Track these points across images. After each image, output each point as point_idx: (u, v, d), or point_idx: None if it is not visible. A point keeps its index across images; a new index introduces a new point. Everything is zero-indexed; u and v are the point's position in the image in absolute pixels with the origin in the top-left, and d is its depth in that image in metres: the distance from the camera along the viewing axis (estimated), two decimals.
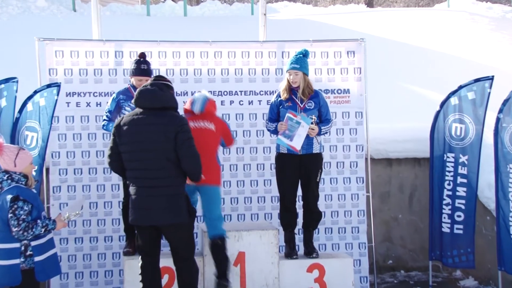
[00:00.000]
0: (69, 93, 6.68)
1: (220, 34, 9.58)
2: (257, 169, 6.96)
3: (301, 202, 6.13)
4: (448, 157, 7.00)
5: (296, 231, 6.18)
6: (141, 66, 6.02)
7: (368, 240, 7.06)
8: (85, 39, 7.04)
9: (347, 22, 12.37)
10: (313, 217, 6.10)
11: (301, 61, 5.93)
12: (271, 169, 6.75)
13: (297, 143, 5.85)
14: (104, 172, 6.69)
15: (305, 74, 5.93)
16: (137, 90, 4.97)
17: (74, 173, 6.67)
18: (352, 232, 7.03)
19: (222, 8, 14.94)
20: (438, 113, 7.08)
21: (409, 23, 12.74)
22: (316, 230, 6.38)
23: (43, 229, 4.52)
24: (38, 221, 4.53)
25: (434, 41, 11.63)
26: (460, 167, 6.96)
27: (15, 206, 4.45)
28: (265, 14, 7.68)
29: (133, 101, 4.98)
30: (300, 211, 6.17)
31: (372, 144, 7.37)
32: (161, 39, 6.99)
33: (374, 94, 7.75)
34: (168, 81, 5.24)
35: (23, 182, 4.59)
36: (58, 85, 6.38)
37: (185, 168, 4.88)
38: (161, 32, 9.98)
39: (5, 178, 4.57)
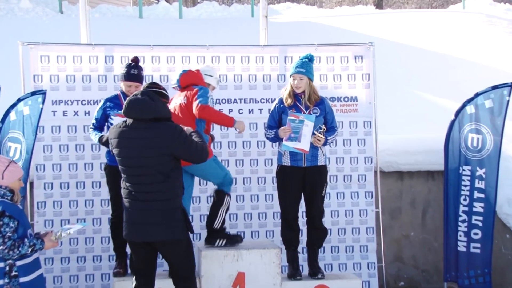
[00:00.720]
0: (55, 101, 6.71)
1: (218, 37, 9.62)
2: (258, 183, 6.98)
3: (305, 219, 6.14)
4: (464, 170, 7.00)
5: (299, 249, 6.18)
6: (131, 71, 6.05)
7: (377, 259, 7.07)
8: (73, 43, 7.10)
9: (355, 24, 12.42)
10: (318, 234, 6.09)
11: (306, 65, 5.96)
12: (272, 183, 6.75)
13: (305, 145, 5.85)
14: (92, 187, 6.73)
15: (310, 79, 5.97)
16: (127, 99, 4.94)
17: (61, 188, 6.68)
18: (360, 251, 7.04)
19: (220, 9, 15.04)
20: (453, 122, 7.09)
21: (421, 26, 12.80)
22: (322, 248, 6.36)
23: (30, 249, 4.50)
24: (25, 240, 4.51)
25: (448, 45, 11.67)
26: (477, 181, 6.96)
27: (0, 222, 4.44)
28: (266, 16, 7.76)
29: (122, 111, 4.96)
30: (304, 228, 6.18)
31: (382, 156, 7.38)
32: (155, 43, 7.02)
33: (383, 102, 7.78)
34: (162, 88, 5.28)
35: (9, 197, 4.58)
36: (43, 93, 6.38)
37: (197, 163, 5.05)
38: (154, 36, 10.04)
39: None
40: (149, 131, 4.80)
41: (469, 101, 7.05)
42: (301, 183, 5.98)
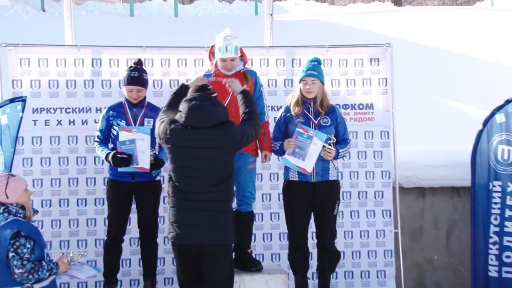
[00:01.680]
0: (37, 109, 6.72)
1: None
2: (262, 200, 6.98)
3: (315, 240, 6.13)
4: (494, 186, 7.00)
5: (309, 275, 6.17)
6: (132, 74, 6.13)
7: (397, 286, 7.04)
8: (56, 44, 7.08)
9: (370, 23, 12.43)
10: (330, 258, 6.09)
11: (318, 68, 6.01)
12: (279, 200, 6.76)
13: (308, 164, 5.84)
14: (77, 204, 6.73)
15: (323, 83, 6.01)
16: (187, 107, 5.13)
17: (42, 206, 6.66)
18: (377, 277, 7.03)
19: (220, 7, 15.10)
20: (480, 132, 7.08)
21: (444, 25, 12.81)
22: (334, 274, 6.38)
23: (47, 273, 4.58)
24: (44, 263, 4.59)
25: (474, 46, 11.67)
26: (508, 197, 6.94)
27: (17, 243, 4.50)
28: (271, 15, 7.74)
29: (182, 121, 5.16)
30: (314, 251, 6.18)
31: (401, 170, 7.38)
32: (147, 44, 7.03)
33: (402, 109, 7.75)
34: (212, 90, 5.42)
35: (22, 215, 4.64)
36: (23, 100, 6.31)
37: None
38: (147, 36, 10.06)
39: (0, 211, 4.62)
40: (211, 134, 5.14)
41: (498, 108, 7.04)
42: (311, 201, 5.98)
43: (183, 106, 5.23)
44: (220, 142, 5.16)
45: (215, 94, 5.39)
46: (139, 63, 6.24)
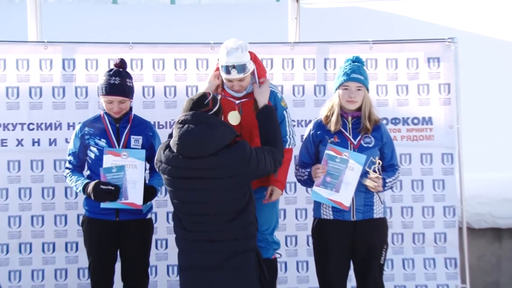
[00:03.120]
0: None
1: (226, 32, 9.59)
2: (286, 245, 6.99)
3: None
4: None
5: None
6: (111, 80, 6.02)
7: None
8: (16, 40, 7.07)
9: (427, 12, 12.39)
10: None
11: (363, 70, 5.94)
12: (308, 244, 6.82)
13: (344, 197, 5.75)
14: (43, 250, 6.75)
15: (368, 90, 5.94)
16: (178, 136, 5.17)
17: None
18: None
19: None
20: None
21: None
22: None
23: None
24: None
25: None
26: None
27: None
28: (297, 1, 7.67)
29: (175, 151, 5.24)
30: None
31: (471, 206, 7.38)
32: (135, 39, 7.04)
33: (471, 125, 7.73)
34: (212, 101, 5.40)
35: None
36: None
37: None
38: (135, 30, 10.08)
39: None
40: (213, 162, 5.21)
41: None
42: (350, 245, 5.90)
43: (174, 131, 5.24)
44: (227, 171, 5.20)
45: (215, 109, 5.35)
46: (121, 64, 6.10)
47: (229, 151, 5.20)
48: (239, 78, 5.87)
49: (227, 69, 5.84)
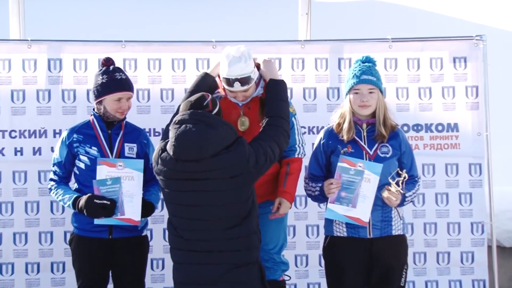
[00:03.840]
0: None
1: (230, 28, 9.61)
2: (296, 265, 7.11)
3: None
4: None
5: None
6: (116, 76, 6.04)
7: None
8: None
9: (453, 7, 12.39)
10: None
11: (373, 70, 5.92)
12: (320, 264, 6.78)
13: (362, 212, 5.73)
14: (26, 271, 6.82)
15: (381, 93, 5.91)
16: (175, 137, 5.22)
17: None
18: None
19: None
20: None
21: None
22: None
23: None
24: None
25: None
26: None
27: None
28: None
29: (171, 154, 5.26)
30: None
31: (501, 222, 7.52)
32: (128, 37, 7.16)
33: (501, 132, 7.75)
34: (211, 101, 5.46)
35: None
36: None
37: None
38: (128, 25, 10.04)
39: None
40: (212, 164, 5.25)
41: None
42: (366, 265, 5.90)
43: (171, 132, 5.27)
44: (227, 172, 5.24)
45: (215, 111, 5.39)
46: (109, 63, 6.10)
47: (228, 152, 5.24)
48: (243, 90, 5.84)
49: (230, 82, 5.78)
